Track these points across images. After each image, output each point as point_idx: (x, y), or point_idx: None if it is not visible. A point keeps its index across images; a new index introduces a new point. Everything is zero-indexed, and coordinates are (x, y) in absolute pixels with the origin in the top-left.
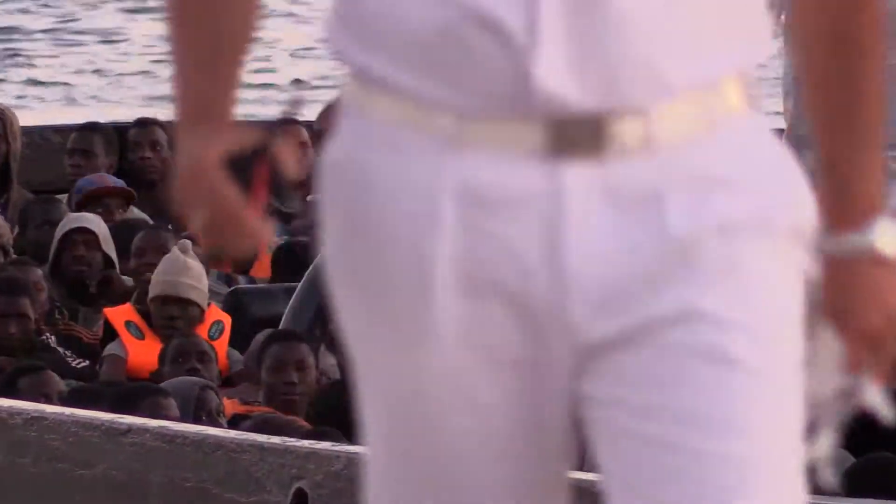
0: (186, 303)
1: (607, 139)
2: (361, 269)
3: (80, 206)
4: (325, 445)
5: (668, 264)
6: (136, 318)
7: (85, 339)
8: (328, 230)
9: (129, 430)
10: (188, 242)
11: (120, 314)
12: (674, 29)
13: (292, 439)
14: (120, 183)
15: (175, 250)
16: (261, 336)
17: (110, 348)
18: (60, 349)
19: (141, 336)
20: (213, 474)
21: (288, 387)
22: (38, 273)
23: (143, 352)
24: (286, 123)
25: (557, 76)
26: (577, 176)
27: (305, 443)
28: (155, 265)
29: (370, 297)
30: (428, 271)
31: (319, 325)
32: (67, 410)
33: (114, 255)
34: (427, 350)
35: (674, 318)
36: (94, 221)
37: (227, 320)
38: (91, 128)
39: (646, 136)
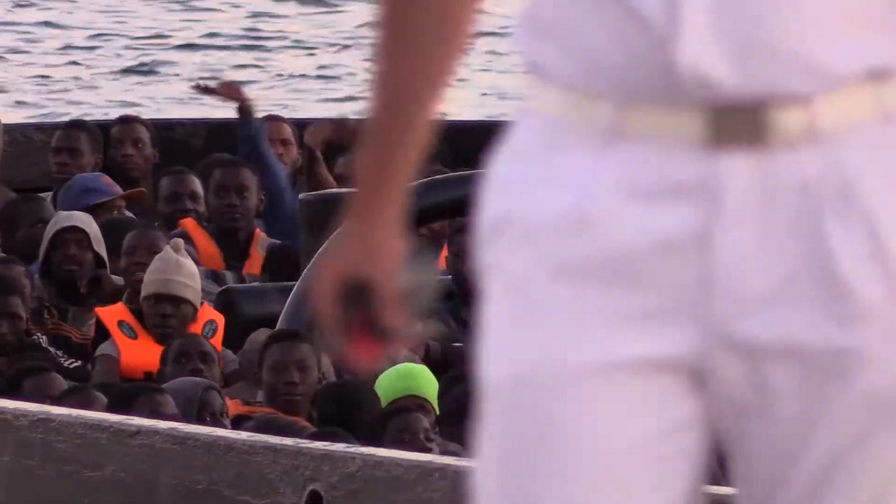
0: (180, 301)
1: (769, 128)
2: (513, 265)
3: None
4: (339, 447)
5: (818, 285)
6: (128, 318)
7: (74, 338)
8: (490, 223)
9: (139, 431)
10: (180, 241)
11: (112, 314)
12: (834, 12)
13: (305, 441)
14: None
15: (167, 249)
16: (255, 335)
17: (103, 348)
18: (52, 349)
19: (134, 336)
20: (225, 476)
21: (289, 387)
22: (21, 270)
23: (136, 352)
24: (271, 119)
25: (707, 59)
26: (737, 167)
27: (319, 444)
28: (145, 264)
29: (521, 288)
30: (587, 263)
31: (317, 326)
32: (74, 412)
33: (104, 255)
34: (588, 344)
35: (829, 351)
36: (85, 220)
37: (221, 320)
38: (77, 125)
39: (809, 126)
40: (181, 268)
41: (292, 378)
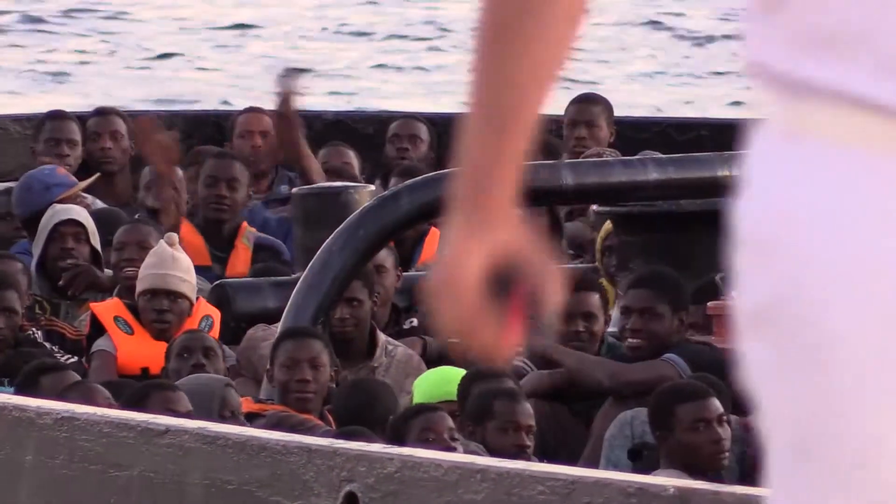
0: (176, 296)
1: None
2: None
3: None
4: (376, 447)
5: None
6: (124, 313)
7: (69, 335)
8: (830, 262)
9: (167, 430)
10: (175, 235)
11: (107, 309)
12: None
13: (341, 440)
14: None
15: (162, 243)
16: (253, 331)
17: (99, 344)
18: (47, 345)
19: (130, 331)
20: (257, 476)
21: (301, 384)
22: (18, 266)
23: (132, 347)
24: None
25: None
26: None
27: (355, 444)
28: (136, 260)
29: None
30: None
31: (322, 324)
32: (100, 410)
33: (100, 249)
34: None
35: None
36: (82, 214)
37: (217, 315)
38: (62, 116)
39: None
40: (176, 262)
41: (305, 375)
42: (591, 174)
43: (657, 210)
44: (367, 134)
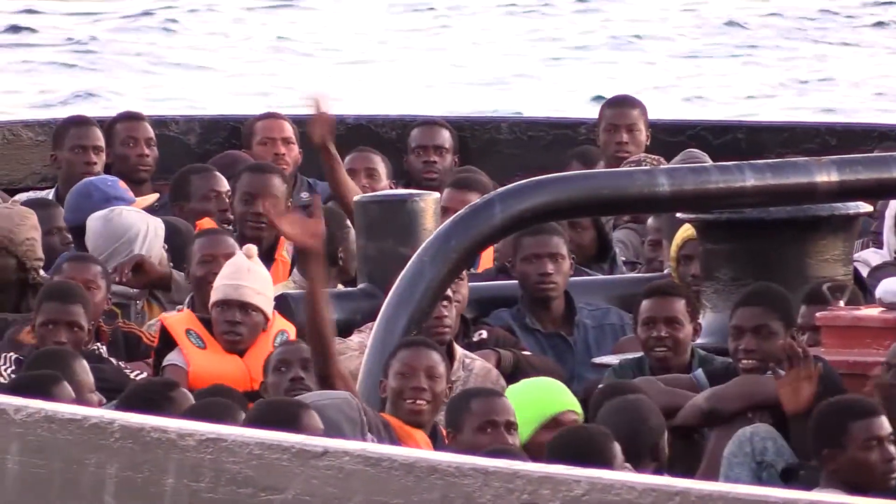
0: (250, 308)
1: None
2: None
3: None
4: (560, 469)
5: None
6: (196, 327)
7: (146, 339)
8: None
9: (325, 452)
10: (253, 248)
11: (179, 322)
12: None
13: (520, 461)
14: None
15: (239, 254)
16: (279, 347)
17: (171, 358)
18: (113, 360)
19: (202, 345)
20: (427, 500)
21: (415, 392)
22: (97, 270)
23: (204, 361)
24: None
25: None
26: None
27: (537, 465)
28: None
29: None
30: None
31: (411, 334)
32: (248, 431)
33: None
34: None
35: None
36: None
37: (292, 329)
38: (86, 122)
39: None
40: (252, 275)
41: (420, 383)
42: (689, 180)
43: (745, 217)
44: (389, 139)
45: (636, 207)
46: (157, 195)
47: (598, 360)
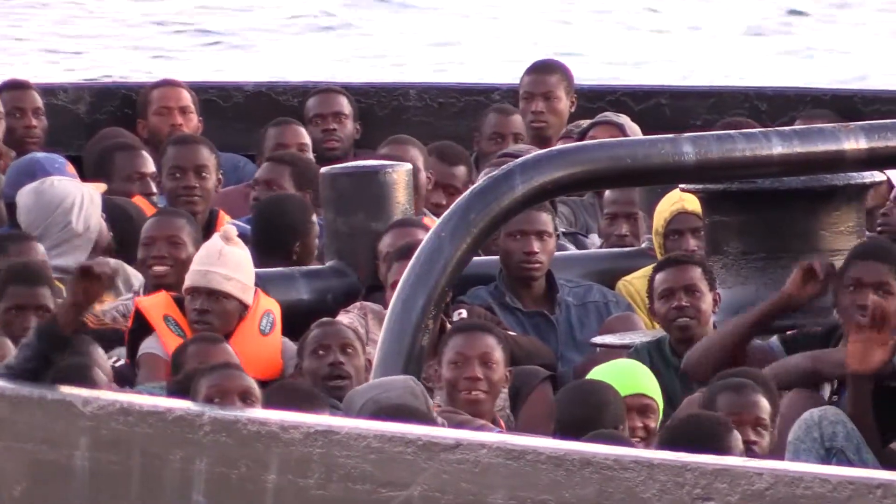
0: (219, 295)
1: None
2: None
3: None
4: (737, 461)
5: None
6: (174, 313)
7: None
8: None
9: (458, 445)
10: (232, 229)
11: (156, 306)
12: None
13: (690, 453)
14: None
15: (215, 237)
16: (315, 329)
17: (149, 346)
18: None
19: (182, 334)
20: (582, 495)
21: (470, 383)
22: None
23: None
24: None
25: None
26: None
27: (709, 457)
28: (164, 257)
29: None
30: None
31: (430, 316)
32: (364, 423)
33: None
34: None
35: None
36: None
37: (277, 308)
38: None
39: None
40: (223, 259)
41: (474, 373)
42: (714, 148)
43: (756, 187)
44: (290, 106)
45: (660, 178)
46: (104, 185)
47: (597, 339)
